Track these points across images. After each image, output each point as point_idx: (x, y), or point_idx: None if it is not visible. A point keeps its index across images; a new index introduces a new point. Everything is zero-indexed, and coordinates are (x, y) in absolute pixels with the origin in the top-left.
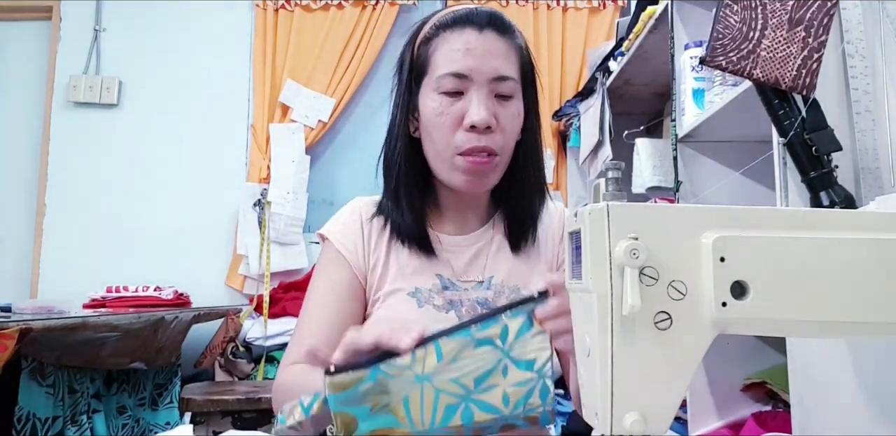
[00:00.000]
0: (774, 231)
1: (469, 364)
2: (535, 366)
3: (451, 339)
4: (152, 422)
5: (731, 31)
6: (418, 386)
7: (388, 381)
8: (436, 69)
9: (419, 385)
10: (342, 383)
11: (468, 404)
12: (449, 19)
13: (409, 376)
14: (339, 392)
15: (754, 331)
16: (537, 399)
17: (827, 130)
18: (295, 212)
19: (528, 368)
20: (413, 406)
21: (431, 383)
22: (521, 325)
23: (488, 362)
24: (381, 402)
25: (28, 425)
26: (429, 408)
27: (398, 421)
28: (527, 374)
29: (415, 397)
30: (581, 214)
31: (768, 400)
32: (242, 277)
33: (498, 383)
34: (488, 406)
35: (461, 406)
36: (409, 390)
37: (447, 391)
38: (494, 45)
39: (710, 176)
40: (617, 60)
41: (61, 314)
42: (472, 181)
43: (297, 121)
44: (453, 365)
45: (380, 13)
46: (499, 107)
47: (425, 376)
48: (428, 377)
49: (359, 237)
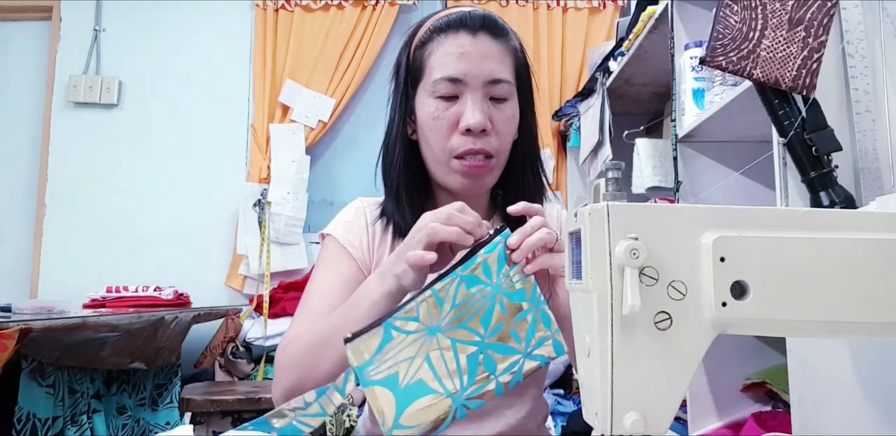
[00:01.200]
0: (774, 231)
1: (469, 305)
2: (526, 295)
3: (442, 282)
4: (152, 422)
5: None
6: (434, 340)
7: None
8: (431, 73)
9: (434, 339)
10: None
11: (486, 350)
12: (443, 23)
13: (421, 332)
14: (363, 362)
15: (754, 331)
16: (542, 328)
17: (827, 130)
18: (295, 212)
19: (521, 298)
20: (436, 363)
21: (444, 334)
22: (497, 258)
23: (485, 299)
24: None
25: (28, 425)
26: (451, 361)
27: (429, 386)
28: (522, 304)
29: (435, 355)
30: (581, 214)
31: (768, 400)
32: (242, 278)
33: (503, 320)
34: (504, 348)
35: (480, 356)
36: (428, 347)
37: (462, 340)
38: (488, 49)
39: (710, 176)
40: (617, 60)
41: (61, 314)
42: (468, 183)
43: (297, 121)
44: (455, 310)
45: (380, 13)
46: (494, 109)
47: (436, 327)
48: (438, 327)
49: (364, 235)
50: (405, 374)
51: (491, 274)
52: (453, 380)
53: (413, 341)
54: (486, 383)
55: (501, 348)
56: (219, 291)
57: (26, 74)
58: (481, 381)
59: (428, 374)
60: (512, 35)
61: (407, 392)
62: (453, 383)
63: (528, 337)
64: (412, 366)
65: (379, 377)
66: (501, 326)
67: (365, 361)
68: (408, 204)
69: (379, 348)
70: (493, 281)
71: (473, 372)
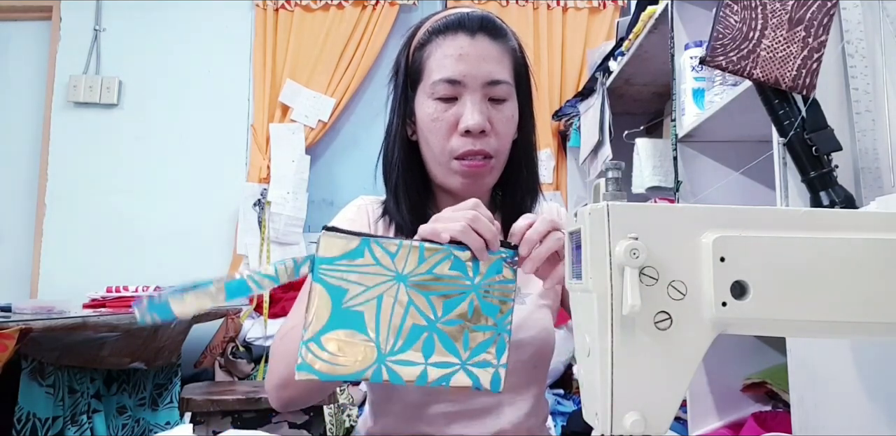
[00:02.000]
0: (774, 231)
1: (442, 281)
2: (497, 314)
3: (433, 245)
4: (152, 422)
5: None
6: (395, 287)
7: (371, 266)
8: (430, 75)
9: (396, 286)
10: (334, 245)
11: (433, 332)
12: (441, 25)
13: (390, 270)
14: (325, 257)
15: (754, 331)
16: (493, 353)
17: (827, 130)
18: (295, 212)
19: (492, 313)
20: (384, 312)
21: (406, 287)
22: (491, 265)
23: (459, 289)
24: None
25: (28, 425)
26: (398, 317)
27: (365, 326)
28: (489, 319)
29: (387, 302)
30: (581, 214)
31: (768, 400)
32: None
33: (463, 319)
34: (450, 343)
35: (425, 333)
36: (385, 290)
37: (419, 308)
38: (487, 50)
39: (710, 176)
40: (617, 60)
41: (61, 314)
42: (468, 184)
43: (297, 121)
44: (429, 276)
45: (380, 13)
46: (493, 110)
47: (404, 276)
48: (405, 278)
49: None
50: (352, 296)
51: (478, 274)
52: (388, 336)
53: (377, 273)
54: (414, 363)
55: (446, 342)
56: None
57: (26, 74)
58: (412, 357)
59: (371, 313)
60: (510, 35)
61: (344, 315)
62: (387, 339)
63: (476, 351)
64: (364, 294)
65: (329, 281)
66: (459, 322)
67: (327, 257)
68: (407, 204)
69: (346, 254)
70: (475, 280)
71: (410, 343)
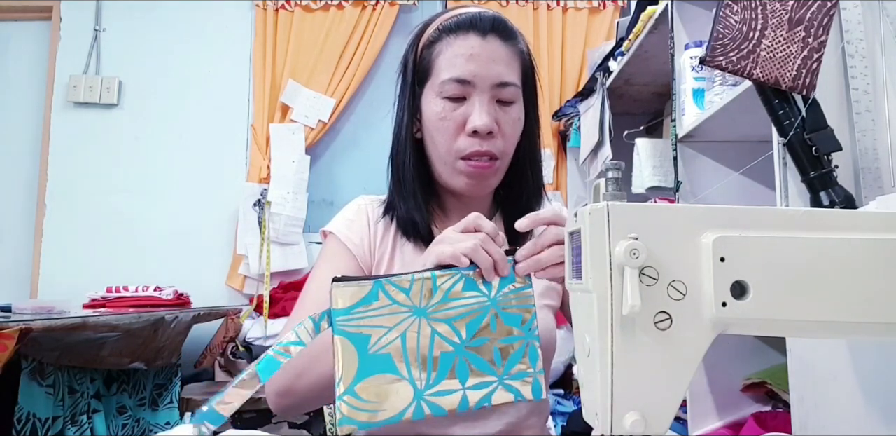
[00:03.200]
0: (774, 231)
1: (460, 305)
2: (521, 322)
3: (444, 273)
4: (152, 422)
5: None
6: (416, 321)
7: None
8: (439, 73)
9: (417, 320)
10: (348, 295)
11: (462, 356)
12: (453, 23)
13: (407, 306)
14: (340, 308)
15: (754, 331)
16: (527, 361)
17: (827, 130)
18: (295, 212)
19: (515, 323)
20: (410, 345)
21: (427, 319)
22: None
23: (477, 307)
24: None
25: (28, 425)
26: (425, 349)
27: (395, 367)
28: (513, 329)
29: (412, 337)
30: (581, 214)
31: (768, 400)
32: (242, 277)
33: (488, 335)
34: (481, 362)
35: (455, 359)
36: (408, 326)
37: (443, 336)
38: (497, 52)
39: (710, 176)
40: (617, 60)
41: (61, 314)
42: (473, 184)
43: (297, 121)
44: (446, 303)
45: (380, 13)
46: (500, 112)
47: (422, 309)
48: (424, 311)
49: (365, 233)
50: (376, 341)
51: (491, 287)
52: (421, 371)
53: (396, 312)
54: (452, 390)
55: (478, 362)
56: (219, 291)
57: (26, 74)
58: (449, 385)
59: (398, 352)
60: (520, 38)
61: (372, 361)
62: (420, 374)
63: (509, 364)
64: (386, 336)
65: (350, 331)
66: (486, 340)
67: (342, 308)
68: (413, 201)
69: (361, 301)
70: (490, 294)
71: (443, 372)
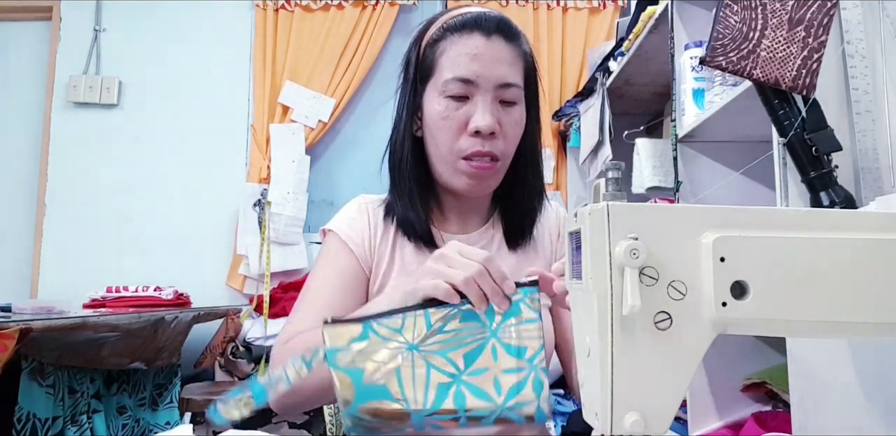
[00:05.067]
0: (774, 231)
1: (456, 336)
2: (526, 355)
3: (438, 309)
4: (152, 422)
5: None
6: (409, 356)
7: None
8: (442, 72)
9: (409, 355)
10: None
11: (460, 385)
12: (457, 22)
13: (399, 343)
14: (335, 347)
15: (754, 331)
16: (530, 392)
17: (827, 130)
18: (295, 212)
19: (518, 355)
20: (405, 379)
21: (420, 354)
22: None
23: (476, 338)
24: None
25: (28, 425)
26: (420, 383)
27: (391, 395)
28: (517, 361)
29: (406, 372)
30: (581, 214)
31: (768, 400)
32: (242, 277)
33: (488, 366)
34: (480, 391)
35: (453, 387)
36: (401, 362)
37: (439, 368)
38: (501, 52)
39: (710, 176)
40: (617, 60)
41: (61, 314)
42: (473, 185)
43: (297, 121)
44: (440, 335)
45: (380, 13)
46: (502, 113)
47: (415, 345)
48: (416, 347)
49: (366, 232)
50: (371, 373)
51: (493, 318)
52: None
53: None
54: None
55: (477, 391)
56: (219, 291)
57: (26, 74)
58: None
59: (393, 383)
60: (523, 39)
61: (368, 390)
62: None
63: (511, 393)
64: (380, 371)
65: (345, 365)
66: (485, 370)
67: (336, 346)
68: (412, 200)
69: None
70: (491, 326)
71: (441, 399)
